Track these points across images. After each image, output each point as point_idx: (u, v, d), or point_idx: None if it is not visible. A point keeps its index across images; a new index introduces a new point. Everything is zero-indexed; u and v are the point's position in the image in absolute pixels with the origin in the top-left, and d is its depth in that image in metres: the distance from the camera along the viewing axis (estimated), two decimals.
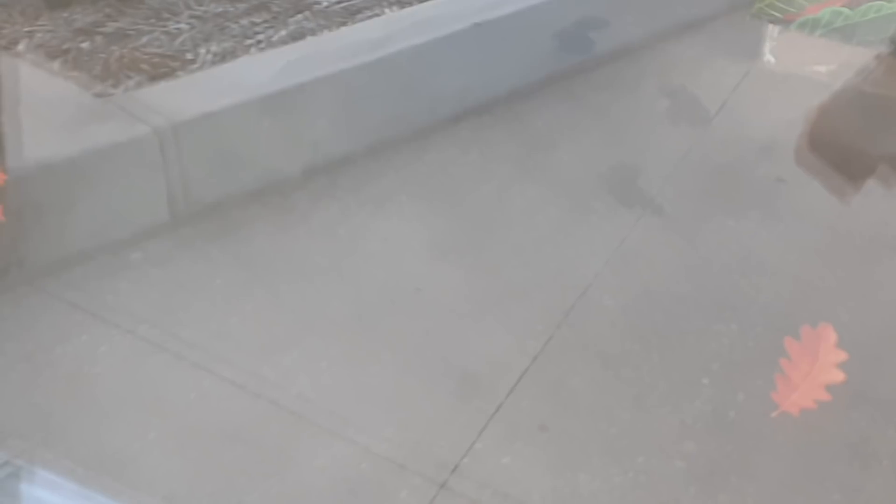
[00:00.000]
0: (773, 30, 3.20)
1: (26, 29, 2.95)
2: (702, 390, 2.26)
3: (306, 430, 2.14)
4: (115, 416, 2.13)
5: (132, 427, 2.10)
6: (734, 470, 2.12)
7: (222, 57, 2.90)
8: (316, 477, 2.06)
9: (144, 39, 2.96)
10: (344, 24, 3.09)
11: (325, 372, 2.25)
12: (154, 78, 2.78)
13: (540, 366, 2.30)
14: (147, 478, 2.02)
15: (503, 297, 2.46)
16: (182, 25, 3.05)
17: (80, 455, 2.03)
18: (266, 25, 3.07)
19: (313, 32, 3.05)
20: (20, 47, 2.86)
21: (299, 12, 3.14)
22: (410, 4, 3.20)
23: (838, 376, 2.06)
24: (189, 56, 2.90)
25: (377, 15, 3.14)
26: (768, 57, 3.22)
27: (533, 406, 2.21)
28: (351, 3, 3.20)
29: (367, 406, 2.19)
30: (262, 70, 2.82)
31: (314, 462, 2.08)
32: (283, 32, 3.03)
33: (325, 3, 3.19)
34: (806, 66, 3.18)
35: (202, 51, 2.92)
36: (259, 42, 2.98)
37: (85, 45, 2.91)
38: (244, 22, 3.08)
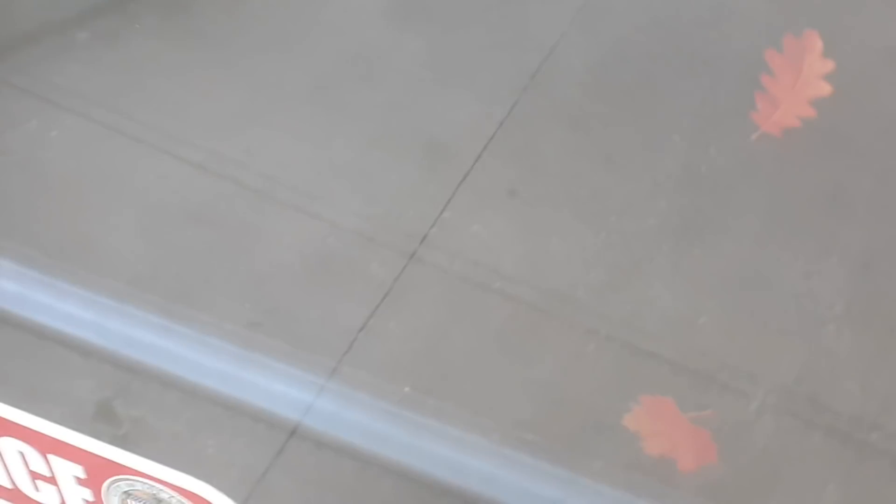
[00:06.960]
0: None
1: None
2: (673, 147, 2.22)
3: (271, 207, 2.10)
4: (74, 201, 2.08)
5: (92, 212, 2.06)
6: (708, 225, 2.10)
7: None
8: (283, 253, 2.03)
9: None
10: None
11: (288, 148, 2.20)
12: None
13: (507, 131, 2.25)
14: (111, 262, 1.99)
15: (466, 62, 2.39)
16: None
17: (41, 242, 2.00)
18: None
19: None
20: None
21: None
22: None
23: (825, 89, 1.90)
24: None
25: None
26: None
27: (501, 172, 2.17)
28: None
29: (332, 180, 2.15)
30: None
31: (281, 239, 2.05)
32: None
33: None
34: None
35: None
36: None
37: None
38: None
